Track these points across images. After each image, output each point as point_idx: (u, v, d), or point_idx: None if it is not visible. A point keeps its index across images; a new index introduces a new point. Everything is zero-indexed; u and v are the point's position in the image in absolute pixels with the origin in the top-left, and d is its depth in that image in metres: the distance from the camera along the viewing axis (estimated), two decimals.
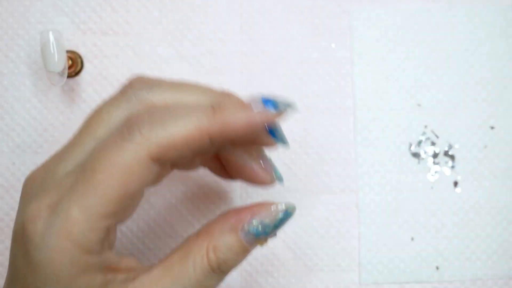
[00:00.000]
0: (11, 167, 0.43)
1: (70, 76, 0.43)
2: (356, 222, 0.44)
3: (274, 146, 0.31)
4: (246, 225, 0.29)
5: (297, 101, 0.44)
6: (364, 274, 0.43)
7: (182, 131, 0.25)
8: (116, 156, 0.25)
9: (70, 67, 0.42)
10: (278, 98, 0.28)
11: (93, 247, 0.27)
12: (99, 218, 0.26)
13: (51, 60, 0.40)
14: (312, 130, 0.44)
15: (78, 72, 0.43)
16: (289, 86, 0.45)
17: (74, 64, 0.43)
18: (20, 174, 0.43)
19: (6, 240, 0.43)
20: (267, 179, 0.32)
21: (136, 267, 0.29)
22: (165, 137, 0.25)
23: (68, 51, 0.43)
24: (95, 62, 0.44)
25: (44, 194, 0.27)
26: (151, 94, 0.27)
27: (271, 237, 0.31)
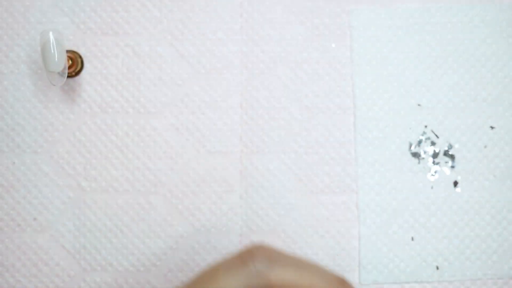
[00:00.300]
0: (11, 167, 0.43)
1: (70, 76, 0.43)
2: (356, 222, 0.44)
3: None
4: None
5: (297, 101, 0.45)
6: (364, 274, 0.43)
7: None
8: None
9: (70, 67, 0.42)
10: None
11: None
12: None
13: (51, 60, 0.40)
14: (312, 130, 0.44)
15: (78, 72, 0.43)
16: (289, 86, 0.45)
17: (74, 64, 0.43)
18: (20, 173, 0.43)
19: (7, 240, 0.43)
20: None
21: None
22: None
23: (68, 51, 0.43)
24: (95, 62, 0.44)
25: None
26: (271, 271, 0.27)
27: None
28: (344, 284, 0.29)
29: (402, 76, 0.45)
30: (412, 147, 0.44)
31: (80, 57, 0.43)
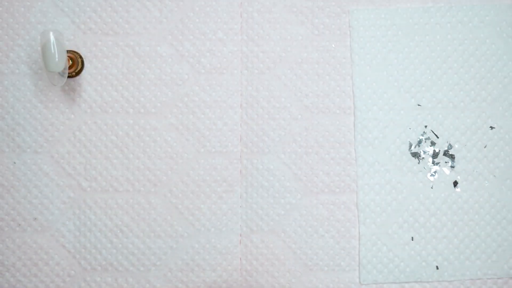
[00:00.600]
0: (12, 167, 0.43)
1: (70, 76, 0.43)
2: (356, 222, 0.44)
3: None
4: None
5: (297, 101, 0.45)
6: (364, 273, 0.43)
7: None
8: None
9: (70, 67, 0.42)
10: None
11: None
12: None
13: (52, 60, 0.40)
14: (312, 130, 0.44)
15: (78, 72, 0.43)
16: (289, 86, 0.45)
17: (75, 64, 0.43)
18: (21, 173, 0.43)
19: (7, 240, 0.43)
20: None
21: None
22: None
23: (68, 51, 0.43)
24: (96, 62, 0.44)
25: None
26: None
27: None
28: None
29: (402, 76, 0.45)
30: (412, 147, 0.44)
31: (81, 57, 0.44)
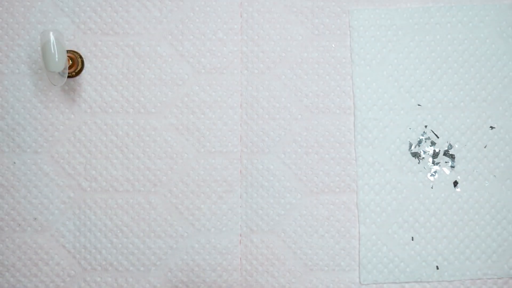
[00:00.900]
0: (12, 167, 0.43)
1: (70, 76, 0.43)
2: (356, 222, 0.44)
3: None
4: None
5: (297, 101, 0.45)
6: (364, 273, 0.43)
7: None
8: None
9: (70, 67, 0.42)
10: None
11: None
12: None
13: (52, 60, 0.40)
14: (312, 130, 0.44)
15: (78, 72, 0.43)
16: (289, 86, 0.45)
17: (75, 64, 0.43)
18: (21, 173, 0.43)
19: (7, 240, 0.43)
20: None
21: None
22: None
23: (68, 51, 0.43)
24: (96, 62, 0.44)
25: None
26: None
27: None
28: None
29: (402, 76, 0.45)
30: (412, 147, 0.44)
31: (81, 57, 0.44)
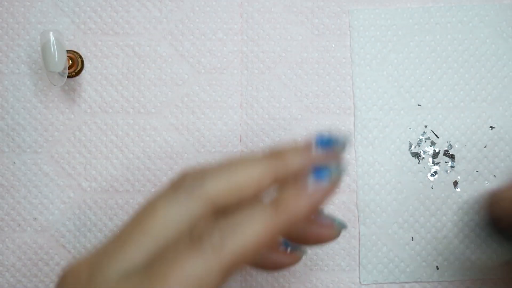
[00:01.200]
0: (12, 167, 0.43)
1: (70, 76, 0.43)
2: (356, 222, 0.44)
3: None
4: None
5: (297, 101, 0.45)
6: (364, 273, 0.43)
7: (252, 240, 0.25)
8: (187, 266, 0.24)
9: (70, 67, 0.42)
10: (332, 137, 0.28)
11: None
12: None
13: (52, 60, 0.40)
14: (312, 130, 0.44)
15: (78, 72, 0.43)
16: (289, 86, 0.45)
17: (75, 64, 0.43)
18: (21, 173, 0.43)
19: (7, 240, 0.43)
20: (332, 235, 0.31)
21: None
22: (236, 249, 0.25)
23: (68, 51, 0.43)
24: (95, 62, 0.44)
25: None
26: (205, 187, 0.26)
27: (304, 251, 0.32)
28: (279, 155, 0.28)
29: (402, 76, 0.45)
30: (412, 147, 0.44)
31: (81, 57, 0.44)
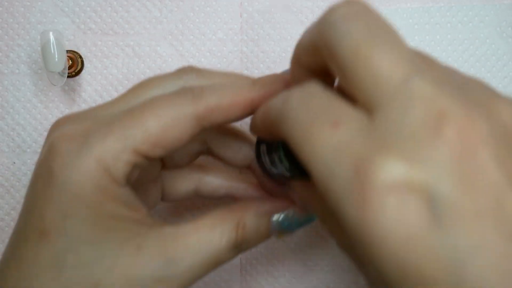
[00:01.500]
0: (12, 167, 0.43)
1: (70, 76, 0.43)
2: None
3: None
4: (278, 216, 0.31)
5: None
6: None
7: (228, 98, 0.28)
8: (166, 107, 0.27)
9: (70, 67, 0.43)
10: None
11: (120, 179, 0.27)
12: (133, 151, 0.26)
13: (52, 60, 0.40)
14: None
15: (78, 72, 0.43)
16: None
17: (75, 64, 0.43)
18: (21, 173, 0.43)
19: (7, 240, 0.43)
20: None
21: (158, 221, 0.30)
22: (212, 100, 0.28)
23: (68, 51, 0.43)
24: (96, 62, 0.44)
25: (80, 122, 0.28)
26: (200, 79, 0.30)
27: (289, 234, 0.33)
28: (266, 78, 0.31)
29: None
30: None
31: (81, 57, 0.44)
